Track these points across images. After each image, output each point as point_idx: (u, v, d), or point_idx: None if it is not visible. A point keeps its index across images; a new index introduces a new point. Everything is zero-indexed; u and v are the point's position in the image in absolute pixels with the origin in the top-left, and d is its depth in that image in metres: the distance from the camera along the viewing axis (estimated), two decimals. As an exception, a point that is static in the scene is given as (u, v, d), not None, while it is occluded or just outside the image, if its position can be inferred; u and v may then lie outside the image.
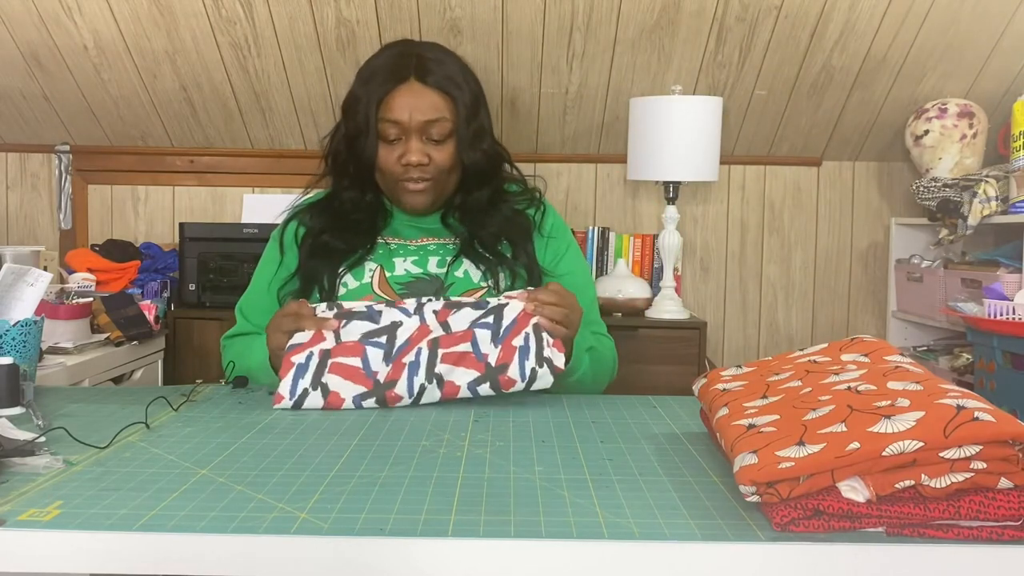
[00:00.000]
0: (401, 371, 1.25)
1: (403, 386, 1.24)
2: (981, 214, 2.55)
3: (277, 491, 0.85)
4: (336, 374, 1.25)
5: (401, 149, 1.52)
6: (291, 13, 2.63)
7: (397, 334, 1.29)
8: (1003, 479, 0.74)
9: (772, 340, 3.24)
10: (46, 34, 2.72)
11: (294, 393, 1.24)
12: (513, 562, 0.74)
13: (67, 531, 0.75)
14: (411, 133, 1.51)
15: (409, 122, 1.51)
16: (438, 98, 1.53)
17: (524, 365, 1.25)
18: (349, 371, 1.25)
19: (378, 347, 1.27)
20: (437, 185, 1.54)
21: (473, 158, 1.56)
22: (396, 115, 1.51)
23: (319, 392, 1.24)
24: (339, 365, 1.26)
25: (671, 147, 2.62)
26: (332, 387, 1.25)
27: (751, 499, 0.78)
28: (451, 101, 1.53)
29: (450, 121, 1.53)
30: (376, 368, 1.26)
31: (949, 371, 2.69)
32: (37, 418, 1.11)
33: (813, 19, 2.63)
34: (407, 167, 1.51)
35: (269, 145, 3.16)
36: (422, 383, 1.25)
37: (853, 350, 1.02)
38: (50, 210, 3.22)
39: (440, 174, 1.53)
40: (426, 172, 1.52)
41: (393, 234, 1.58)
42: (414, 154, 1.50)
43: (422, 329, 1.29)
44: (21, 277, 1.35)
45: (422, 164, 1.51)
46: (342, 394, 1.24)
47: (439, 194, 1.56)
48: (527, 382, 1.25)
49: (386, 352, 1.27)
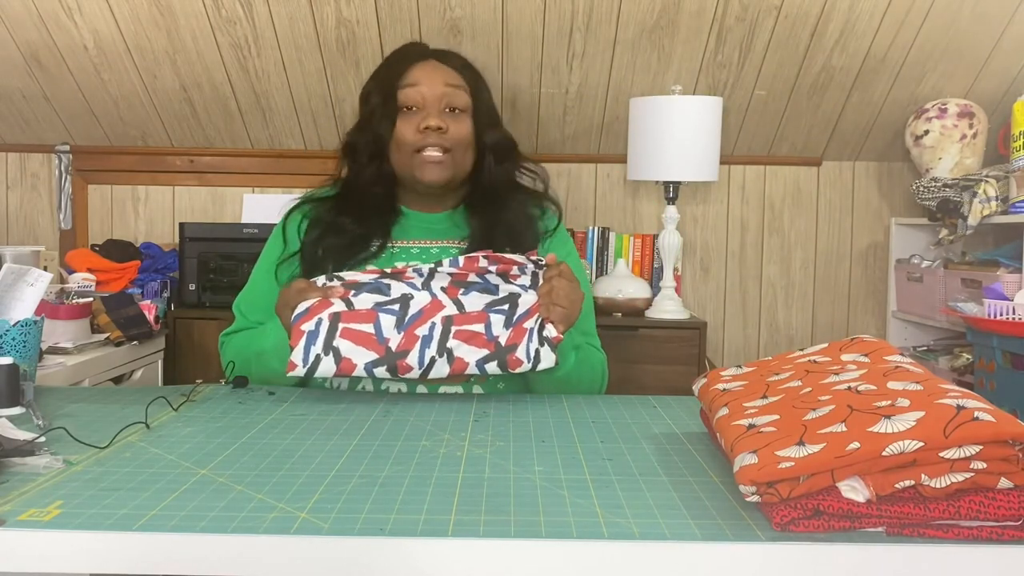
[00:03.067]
0: (414, 343, 1.27)
1: (414, 357, 1.26)
2: (981, 214, 2.55)
3: (277, 491, 0.85)
4: (348, 339, 1.26)
5: (419, 117, 1.53)
6: (291, 13, 2.63)
7: (410, 304, 1.30)
8: (1003, 479, 0.74)
9: (772, 340, 3.24)
10: (46, 34, 2.72)
11: (307, 360, 1.25)
12: (513, 562, 0.74)
13: (67, 531, 0.75)
14: (430, 102, 1.54)
15: (430, 90, 1.54)
16: (456, 74, 1.58)
17: (529, 347, 1.28)
18: (361, 337, 1.26)
19: (391, 314, 1.29)
20: (454, 159, 1.54)
21: (492, 137, 1.60)
22: (416, 80, 1.54)
23: (331, 358, 1.25)
24: (351, 331, 1.27)
25: (671, 147, 2.62)
26: (344, 353, 1.25)
27: (751, 499, 0.78)
28: (468, 80, 1.59)
29: (468, 94, 1.57)
30: (388, 335, 1.27)
31: (949, 371, 2.69)
32: (37, 418, 1.11)
33: (813, 19, 2.63)
34: (426, 133, 1.52)
35: (269, 145, 3.16)
36: (433, 355, 1.26)
37: (853, 350, 1.02)
38: (50, 210, 3.22)
39: (457, 147, 1.54)
40: (444, 140, 1.52)
41: (401, 235, 1.58)
42: (433, 118, 1.52)
43: (435, 303, 1.30)
44: (21, 277, 1.35)
45: (440, 129, 1.52)
46: (354, 359, 1.26)
47: (455, 170, 1.55)
48: (532, 362, 1.27)
49: (399, 319, 1.28)
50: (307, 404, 1.25)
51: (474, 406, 1.25)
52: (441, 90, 1.54)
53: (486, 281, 1.33)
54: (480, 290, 1.32)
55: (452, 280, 1.33)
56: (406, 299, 1.30)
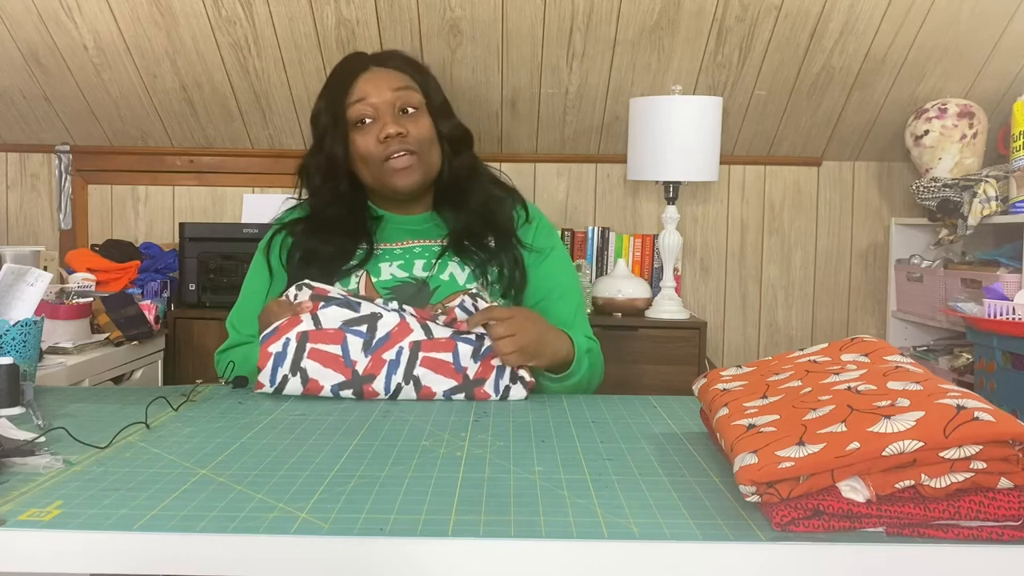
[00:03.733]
0: (381, 367, 1.27)
1: (381, 383, 1.27)
2: (981, 214, 2.55)
3: (277, 491, 0.85)
4: (315, 360, 1.27)
5: (377, 128, 1.52)
6: (291, 13, 2.63)
7: (378, 325, 1.30)
8: (1003, 479, 0.74)
9: (772, 340, 3.24)
10: (46, 34, 2.72)
11: (274, 381, 1.28)
12: (513, 562, 0.74)
13: (67, 531, 0.75)
14: (383, 110, 1.53)
15: (379, 98, 1.53)
16: (401, 75, 1.57)
17: (499, 383, 1.30)
18: (328, 358, 1.27)
19: (358, 335, 1.29)
20: (422, 160, 1.54)
21: (449, 126, 1.59)
22: (363, 93, 1.53)
23: (298, 378, 1.27)
24: (318, 352, 1.27)
25: (671, 147, 2.62)
26: (311, 374, 1.27)
27: (751, 499, 0.78)
28: (413, 77, 1.58)
29: (418, 92, 1.56)
30: (355, 357, 1.27)
31: (949, 371, 2.69)
32: (37, 418, 1.11)
33: (813, 19, 2.63)
34: (387, 141, 1.51)
35: (269, 145, 3.16)
36: (399, 383, 1.27)
37: (853, 350, 1.02)
38: (50, 210, 3.22)
39: (421, 146, 1.54)
40: (407, 143, 1.52)
41: (383, 238, 1.58)
42: (391, 126, 1.51)
43: (402, 326, 1.30)
44: (21, 277, 1.35)
45: (401, 134, 1.51)
46: (321, 381, 1.27)
47: (426, 169, 1.55)
48: (501, 396, 1.30)
49: (366, 342, 1.28)
50: (307, 404, 1.25)
51: (474, 406, 1.25)
52: (390, 96, 1.53)
53: (462, 307, 1.32)
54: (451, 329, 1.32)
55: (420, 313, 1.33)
56: (374, 319, 1.30)
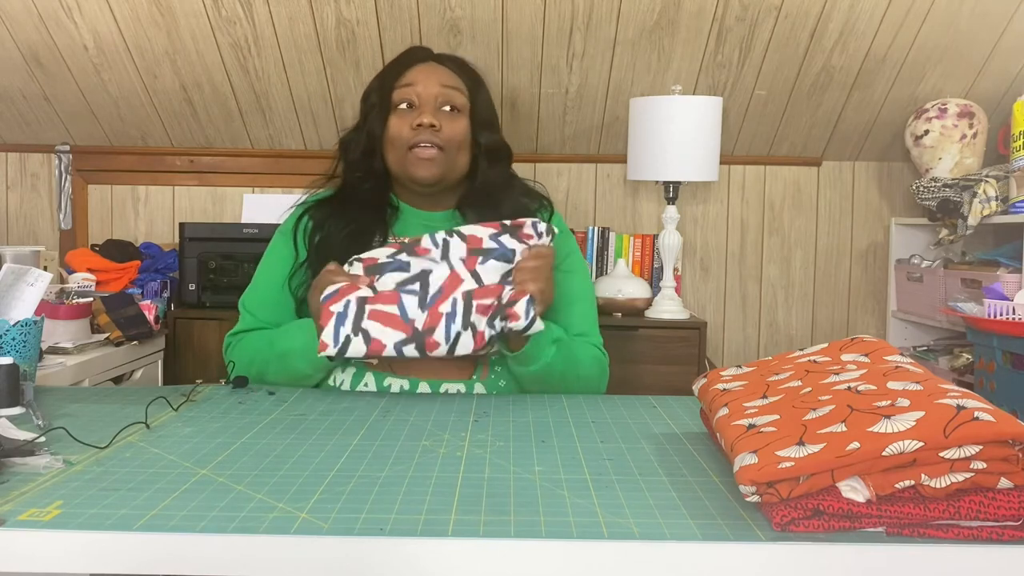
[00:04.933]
0: (439, 320, 1.31)
1: (441, 333, 1.30)
2: (981, 214, 2.55)
3: (277, 491, 0.85)
4: (376, 320, 1.30)
5: (414, 115, 1.54)
6: (291, 13, 2.63)
7: (430, 281, 1.33)
8: (1003, 479, 0.74)
9: (772, 340, 3.24)
10: (46, 34, 2.72)
11: (337, 340, 1.29)
12: (513, 562, 0.74)
13: (67, 531, 0.75)
14: (426, 100, 1.55)
15: (425, 89, 1.55)
16: (455, 76, 1.59)
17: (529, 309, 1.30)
18: (388, 318, 1.31)
19: (412, 294, 1.32)
20: (446, 157, 1.55)
21: (487, 139, 1.60)
22: (412, 80, 1.56)
23: (361, 338, 1.30)
24: (377, 312, 1.31)
25: (671, 147, 2.62)
26: (373, 334, 1.30)
27: (751, 499, 0.78)
28: (466, 82, 1.60)
29: (465, 96, 1.58)
30: (413, 315, 1.31)
31: (949, 371, 2.69)
32: (37, 418, 1.11)
33: (813, 19, 2.63)
34: (418, 129, 1.52)
35: (269, 145, 3.16)
36: (458, 331, 1.30)
37: (853, 350, 1.02)
38: (50, 210, 3.22)
39: (450, 145, 1.55)
40: (437, 137, 1.53)
41: (402, 231, 1.58)
42: (427, 116, 1.53)
43: (453, 277, 1.33)
44: (21, 277, 1.35)
45: (433, 126, 1.53)
46: (383, 340, 1.30)
47: (447, 168, 1.56)
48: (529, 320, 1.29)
49: (420, 299, 1.32)
50: (307, 404, 1.25)
51: (474, 406, 1.25)
52: (437, 90, 1.56)
53: (502, 246, 1.35)
54: (498, 257, 1.35)
55: (469, 249, 1.34)
56: (425, 275, 1.34)
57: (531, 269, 1.35)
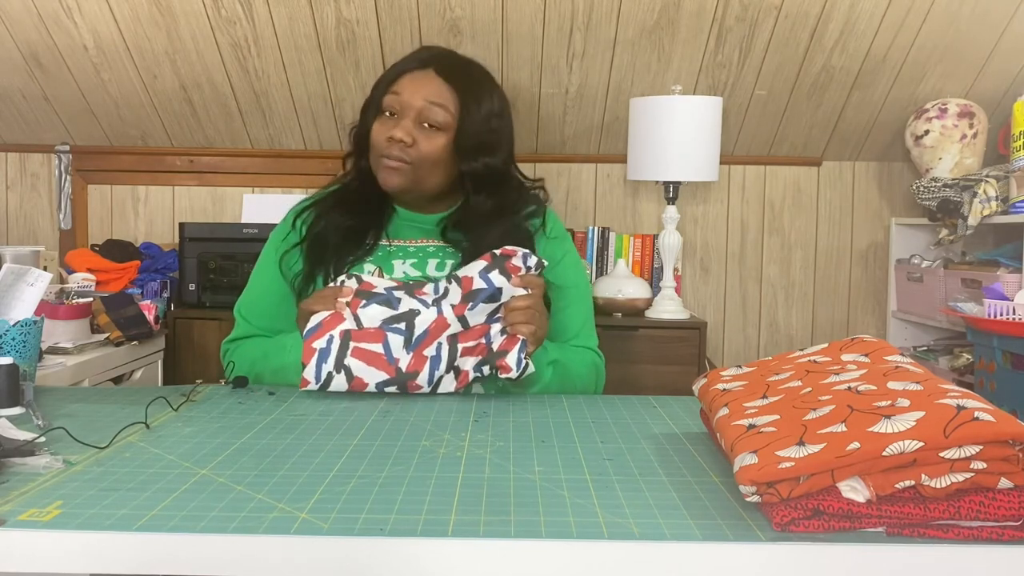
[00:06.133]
0: (423, 364, 1.31)
1: (424, 377, 1.31)
2: (981, 214, 2.55)
3: (277, 491, 0.85)
4: (359, 359, 1.30)
5: (392, 124, 1.52)
6: (291, 13, 2.63)
7: (416, 323, 1.32)
8: (1003, 479, 0.74)
9: (772, 340, 3.24)
10: (46, 34, 2.72)
11: (319, 377, 1.30)
12: (513, 562, 0.74)
13: (67, 531, 0.75)
14: (407, 112, 1.51)
15: (409, 100, 1.51)
16: (447, 91, 1.52)
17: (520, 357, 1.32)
18: (371, 357, 1.30)
19: (398, 333, 1.32)
20: (415, 172, 1.51)
21: (471, 167, 1.53)
22: (399, 88, 1.53)
23: (343, 375, 1.30)
24: (361, 350, 1.30)
25: (671, 147, 2.62)
26: (356, 372, 1.30)
27: (751, 499, 0.78)
28: (460, 100, 1.52)
29: (451, 115, 1.51)
30: (397, 355, 1.31)
31: (949, 371, 2.69)
32: (37, 418, 1.11)
33: (813, 19, 2.63)
34: (389, 142, 1.50)
35: (269, 145, 3.16)
36: (441, 374, 1.31)
37: (853, 350, 1.02)
38: (50, 210, 3.22)
39: (422, 162, 1.51)
40: (406, 154, 1.50)
41: (395, 234, 1.58)
42: (399, 130, 1.49)
43: (440, 321, 1.32)
44: (21, 277, 1.35)
45: (404, 143, 1.49)
46: (366, 379, 1.30)
47: (415, 182, 1.52)
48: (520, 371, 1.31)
49: (406, 339, 1.31)
50: (307, 404, 1.25)
51: (474, 406, 1.25)
52: (420, 104, 1.50)
53: (490, 284, 1.32)
54: (486, 300, 1.32)
55: (463, 295, 1.33)
56: (412, 315, 1.32)
57: (523, 310, 1.33)
